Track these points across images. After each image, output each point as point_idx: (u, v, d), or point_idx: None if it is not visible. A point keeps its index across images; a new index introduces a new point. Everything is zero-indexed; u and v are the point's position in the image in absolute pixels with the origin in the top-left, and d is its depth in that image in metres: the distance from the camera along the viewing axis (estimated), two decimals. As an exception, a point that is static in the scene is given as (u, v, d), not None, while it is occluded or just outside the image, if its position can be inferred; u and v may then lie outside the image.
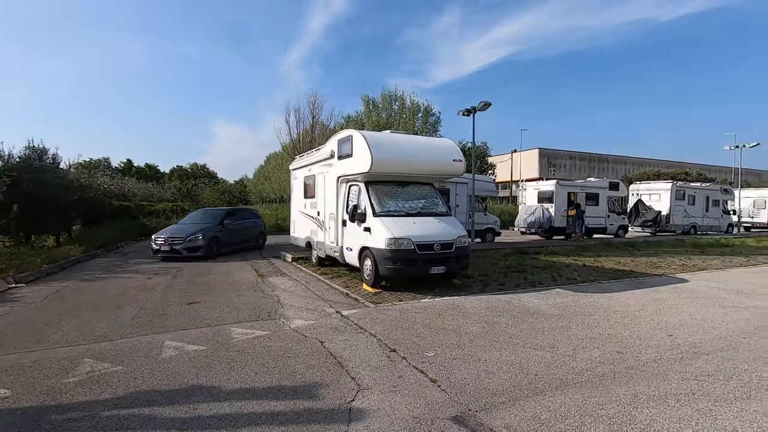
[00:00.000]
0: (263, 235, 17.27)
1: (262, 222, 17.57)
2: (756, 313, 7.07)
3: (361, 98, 48.11)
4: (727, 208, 28.74)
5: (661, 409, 3.68)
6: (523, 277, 9.98)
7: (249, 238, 16.13)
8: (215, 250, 13.84)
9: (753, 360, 4.89)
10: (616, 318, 6.62)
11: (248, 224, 16.35)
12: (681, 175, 45.53)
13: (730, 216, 28.94)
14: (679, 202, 25.90)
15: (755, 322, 6.53)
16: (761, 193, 32.56)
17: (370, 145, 8.57)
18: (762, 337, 5.75)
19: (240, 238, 15.45)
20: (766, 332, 5.99)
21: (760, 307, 7.43)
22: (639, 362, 4.78)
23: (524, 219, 21.37)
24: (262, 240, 17.03)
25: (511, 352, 5.06)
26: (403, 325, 6.12)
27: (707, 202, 27.34)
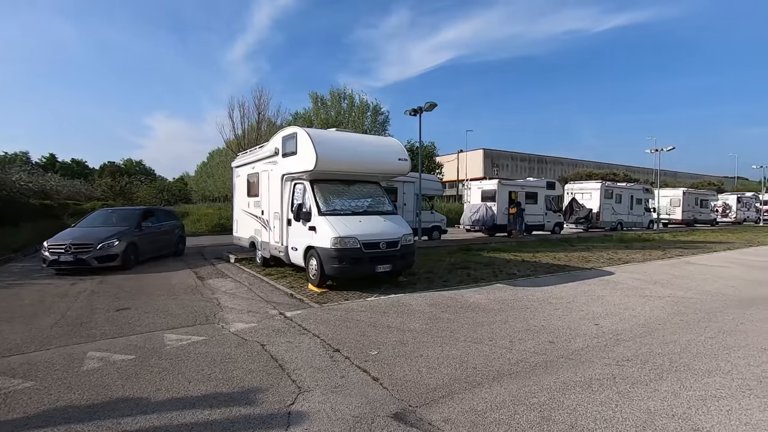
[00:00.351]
0: (183, 240, 14.94)
1: (180, 224, 15.29)
2: (670, 301, 7.79)
3: (309, 95, 47.40)
4: (648, 206, 31.46)
5: (586, 394, 3.93)
6: (466, 274, 10.30)
7: (168, 243, 13.77)
8: (132, 258, 11.46)
9: (666, 344, 5.37)
10: (549, 310, 7.01)
11: (167, 227, 13.94)
12: (610, 175, 49.24)
13: (651, 213, 31.73)
14: (608, 200, 27.97)
15: (669, 309, 7.18)
16: (676, 192, 35.99)
17: (315, 143, 8.43)
18: (674, 323, 6.33)
19: (158, 244, 13.07)
20: (677, 318, 6.61)
21: (674, 296, 8.20)
22: (569, 351, 5.09)
23: (469, 217, 22.09)
24: (181, 245, 14.72)
25: (452, 346, 5.19)
26: (347, 324, 6.09)
27: (632, 201, 29.77)
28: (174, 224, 14.61)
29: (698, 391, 4.02)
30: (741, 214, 41.14)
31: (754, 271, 11.41)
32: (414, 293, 8.13)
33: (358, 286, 8.61)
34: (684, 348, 5.23)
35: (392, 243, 8.51)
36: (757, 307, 7.36)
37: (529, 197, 23.24)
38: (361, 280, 9.07)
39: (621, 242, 19.06)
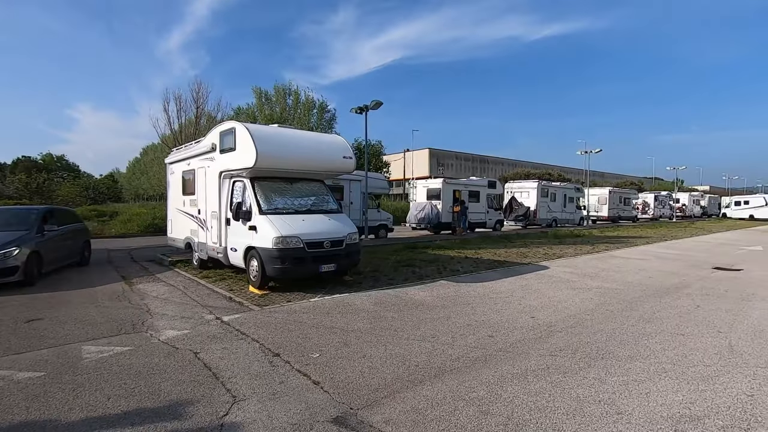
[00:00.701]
0: (88, 246, 12.26)
1: (84, 227, 12.62)
2: (598, 292, 8.34)
3: (252, 90, 45.71)
4: (579, 204, 33.74)
5: (522, 386, 4.07)
6: (411, 271, 10.39)
7: (73, 251, 11.16)
8: (36, 271, 8.97)
9: (594, 333, 5.72)
10: (490, 305, 7.24)
11: (70, 231, 11.14)
12: (545, 175, 52.24)
13: (582, 211, 34.06)
14: (544, 199, 29.63)
15: (597, 300, 7.69)
16: (603, 191, 38.93)
17: (255, 139, 8.09)
18: (601, 313, 6.78)
19: (63, 252, 10.47)
20: (604, 308, 7.08)
21: (601, 287, 8.80)
22: (507, 344, 5.26)
23: (415, 215, 22.41)
24: (87, 252, 12.04)
25: (395, 345, 5.17)
26: (289, 326, 5.88)
27: (565, 199, 31.77)
28: (77, 227, 11.95)
29: (621, 376, 4.30)
30: (657, 211, 45.35)
31: (667, 263, 12.56)
32: (359, 292, 8.05)
33: (302, 287, 8.39)
34: (609, 336, 5.60)
35: (337, 242, 8.37)
36: (670, 296, 8.09)
37: (472, 196, 24.02)
38: (305, 280, 8.84)
39: (555, 238, 20.23)
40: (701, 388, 4.04)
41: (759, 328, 6.04)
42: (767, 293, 8.40)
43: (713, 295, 8.20)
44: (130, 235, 22.11)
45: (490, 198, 25.31)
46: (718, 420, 3.43)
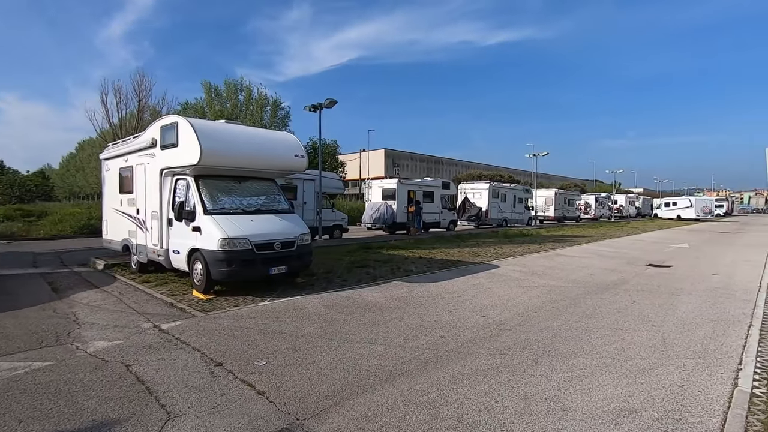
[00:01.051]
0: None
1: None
2: (544, 290, 8.64)
3: (201, 84, 43.75)
4: (527, 204, 35.17)
5: (472, 386, 4.07)
6: (365, 272, 10.28)
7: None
8: None
9: (540, 331, 5.89)
10: (442, 304, 7.27)
11: None
12: (497, 177, 54.04)
13: (530, 211, 35.53)
14: (495, 199, 30.59)
15: (544, 297, 7.95)
16: (549, 193, 40.86)
17: (199, 135, 7.63)
18: (547, 311, 7.00)
19: None
20: (550, 306, 7.33)
21: (547, 285, 9.13)
22: (458, 344, 5.28)
23: (370, 215, 22.34)
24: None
25: (346, 349, 5.04)
26: (235, 333, 5.58)
27: (514, 200, 32.98)
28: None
29: (566, 372, 4.42)
30: (598, 211, 48.25)
31: (607, 261, 13.31)
32: (311, 295, 7.83)
33: (250, 290, 8.03)
34: (555, 333, 5.78)
35: (288, 243, 8.09)
36: (610, 292, 8.53)
37: (427, 196, 24.31)
38: (255, 283, 8.48)
39: (506, 237, 20.91)
40: (638, 381, 4.23)
41: (687, 320, 6.49)
42: (692, 288, 9.08)
43: (647, 290, 8.75)
44: (62, 236, 20.36)
45: (444, 198, 25.74)
46: (653, 411, 3.59)
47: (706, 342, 5.47)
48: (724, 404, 3.73)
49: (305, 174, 17.82)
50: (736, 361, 4.77)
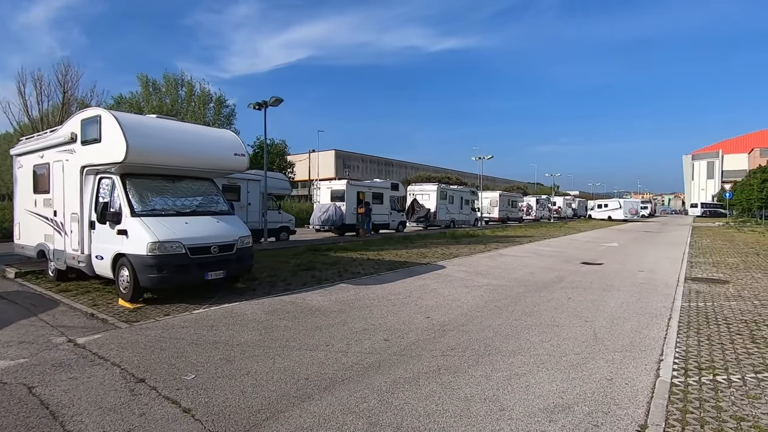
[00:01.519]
0: None
1: None
2: (487, 289, 8.84)
3: (137, 77, 40.97)
4: (474, 206, 36.27)
5: (414, 390, 4.00)
6: (311, 275, 10.00)
7: None
8: None
9: (482, 330, 5.97)
10: (388, 307, 7.20)
11: None
12: (445, 179, 55.34)
13: (476, 212, 36.68)
14: (443, 201, 31.23)
15: (487, 297, 8.12)
16: (494, 195, 42.44)
17: (125, 130, 7.02)
18: (489, 310, 7.14)
19: None
20: (492, 305, 7.49)
21: (490, 284, 9.35)
22: (401, 347, 5.21)
23: (318, 217, 21.95)
24: None
25: (285, 357, 4.80)
26: (162, 345, 5.14)
27: (461, 202, 33.88)
28: None
29: (505, 371, 4.48)
30: (539, 212, 50.82)
31: (546, 259, 13.95)
32: (252, 300, 7.46)
33: (186, 297, 7.51)
34: (496, 332, 5.88)
35: (226, 246, 7.66)
36: (548, 290, 8.90)
37: (376, 197, 24.31)
38: (191, 289, 7.96)
39: (453, 238, 21.36)
40: (572, 376, 4.37)
41: (616, 315, 6.88)
42: (621, 284, 9.70)
43: (581, 287, 9.22)
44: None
45: (393, 200, 25.87)
46: (585, 406, 3.71)
47: (633, 335, 5.80)
48: (647, 395, 3.93)
49: (249, 174, 17.15)
50: (658, 353, 5.09)
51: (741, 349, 5.19)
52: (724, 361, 4.78)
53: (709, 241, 22.13)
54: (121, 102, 39.25)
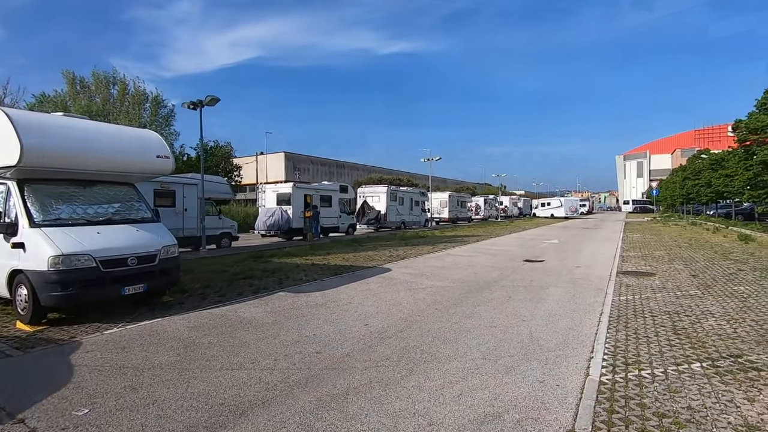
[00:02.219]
0: None
1: None
2: (431, 291, 8.74)
3: (62, 74, 37.63)
4: (424, 207, 36.66)
5: (340, 408, 3.71)
6: (248, 284, 9.44)
7: None
8: None
9: (421, 335, 5.79)
10: (326, 315, 6.86)
11: None
12: (396, 181, 55.65)
13: (426, 213, 37.09)
14: (393, 202, 31.25)
15: (429, 299, 8.00)
16: (444, 195, 43.19)
17: (19, 129, 6.19)
18: (430, 313, 7.00)
19: None
20: (433, 308, 7.36)
21: (434, 286, 9.27)
22: (334, 359, 4.90)
23: (264, 222, 21.13)
24: None
25: (202, 380, 4.33)
26: (57, 374, 4.49)
27: (411, 203, 34.10)
28: None
29: (439, 380, 4.30)
30: (487, 212, 52.41)
31: (491, 258, 14.19)
32: (177, 315, 6.84)
33: (101, 315, 6.75)
34: (435, 337, 5.72)
35: (147, 257, 6.99)
36: (489, 289, 8.95)
37: (324, 200, 23.81)
38: (109, 305, 7.18)
39: (402, 240, 21.33)
40: (505, 381, 4.27)
41: (552, 312, 6.97)
42: (558, 280, 9.98)
43: (522, 286, 9.36)
44: None
45: (342, 202, 25.48)
46: (515, 413, 3.59)
47: (566, 332, 5.86)
48: (577, 396, 3.90)
49: (185, 178, 16.15)
50: (589, 350, 5.14)
51: (664, 341, 5.37)
52: (649, 354, 4.90)
53: (638, 235, 23.69)
54: (44, 100, 35.85)
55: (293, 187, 21.78)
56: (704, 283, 9.07)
